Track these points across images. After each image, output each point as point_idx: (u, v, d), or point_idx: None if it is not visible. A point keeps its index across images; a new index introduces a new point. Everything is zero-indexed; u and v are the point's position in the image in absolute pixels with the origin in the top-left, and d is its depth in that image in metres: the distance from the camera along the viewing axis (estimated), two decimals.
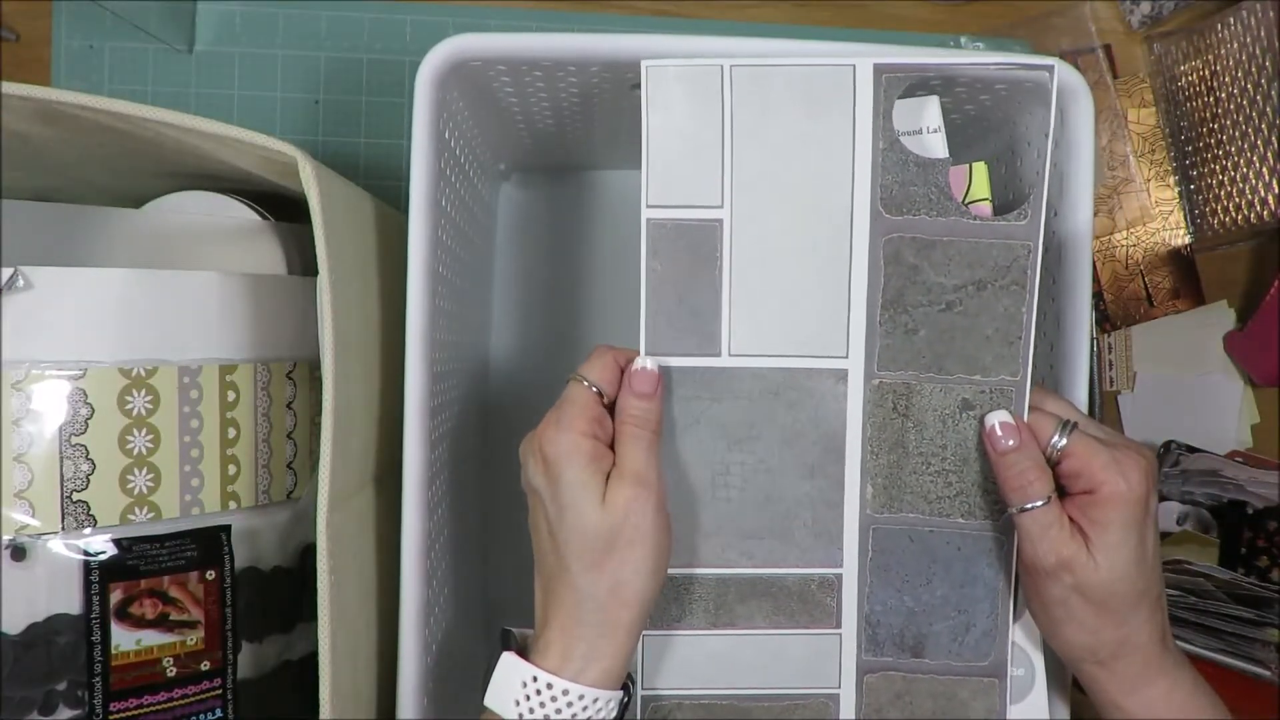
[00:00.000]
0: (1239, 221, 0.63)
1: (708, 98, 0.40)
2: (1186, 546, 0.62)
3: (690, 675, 0.44)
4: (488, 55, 0.42)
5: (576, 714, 0.37)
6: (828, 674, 0.44)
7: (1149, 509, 0.39)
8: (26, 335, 0.40)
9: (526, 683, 0.37)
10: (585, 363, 0.40)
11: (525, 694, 0.37)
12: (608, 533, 0.37)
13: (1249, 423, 0.68)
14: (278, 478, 0.47)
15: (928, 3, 0.66)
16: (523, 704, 0.37)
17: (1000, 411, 0.41)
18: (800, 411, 0.42)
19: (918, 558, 0.43)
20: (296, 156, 0.39)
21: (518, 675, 0.38)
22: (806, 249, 0.41)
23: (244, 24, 0.63)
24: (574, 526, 0.38)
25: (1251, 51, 0.61)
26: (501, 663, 0.38)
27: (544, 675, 0.37)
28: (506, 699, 0.38)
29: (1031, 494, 0.39)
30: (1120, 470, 0.38)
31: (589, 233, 0.63)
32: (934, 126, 0.41)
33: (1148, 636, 0.39)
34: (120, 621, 0.41)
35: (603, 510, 0.37)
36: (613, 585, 0.38)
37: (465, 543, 0.57)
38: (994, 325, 0.41)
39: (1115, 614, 0.39)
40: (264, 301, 0.45)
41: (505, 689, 0.38)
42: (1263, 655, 0.60)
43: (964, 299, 0.41)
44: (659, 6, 0.65)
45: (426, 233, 0.42)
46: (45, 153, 0.45)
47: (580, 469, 0.38)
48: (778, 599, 0.43)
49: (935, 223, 0.40)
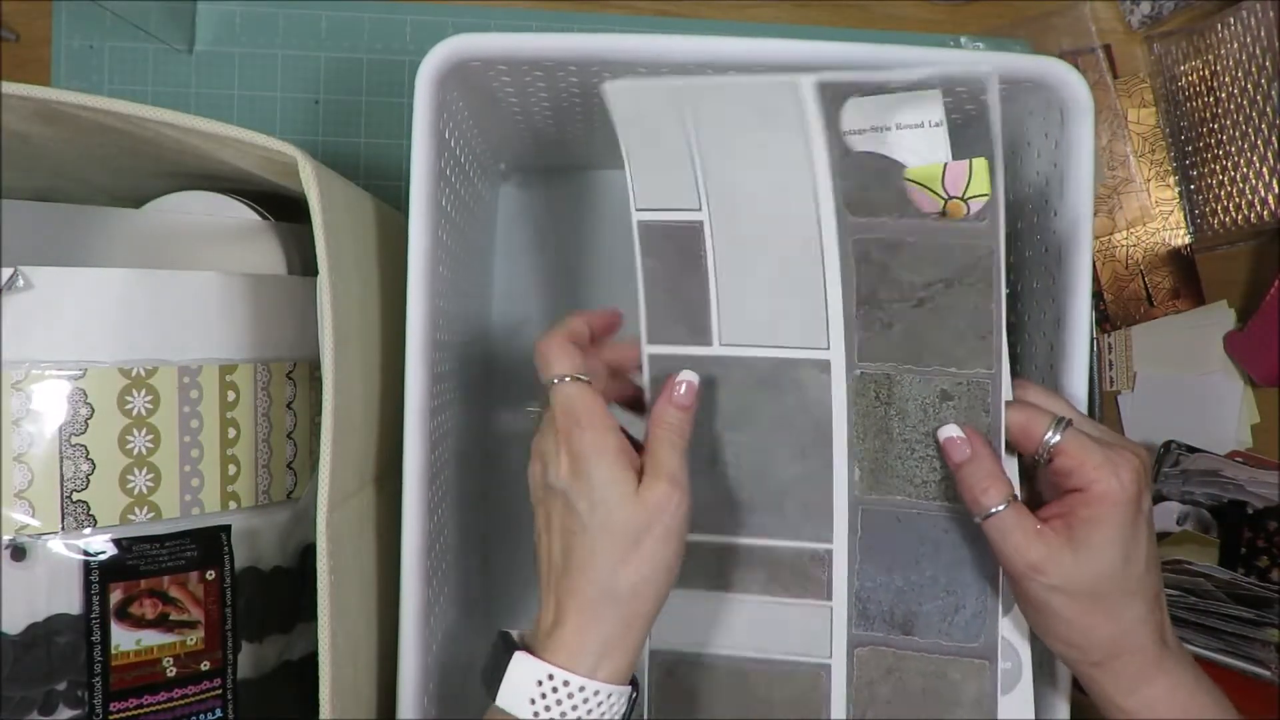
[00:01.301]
0: (1239, 221, 0.63)
1: (668, 114, 0.41)
2: (1186, 546, 0.62)
3: (691, 634, 0.45)
4: (488, 55, 0.42)
5: (592, 710, 0.37)
6: (820, 645, 0.45)
7: (1141, 508, 0.39)
8: (26, 335, 0.40)
9: (542, 681, 0.37)
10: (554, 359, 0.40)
11: (540, 692, 0.37)
12: (637, 529, 0.38)
13: (1249, 423, 0.68)
14: (278, 478, 0.47)
15: (928, 2, 0.66)
16: (538, 703, 0.37)
17: (949, 426, 0.41)
18: (788, 398, 0.44)
19: (906, 538, 0.44)
20: (296, 156, 0.39)
21: (532, 674, 0.37)
22: (782, 248, 0.43)
23: (244, 24, 0.63)
24: (604, 522, 0.38)
25: (1251, 51, 0.61)
26: (515, 662, 0.38)
27: (560, 673, 0.37)
28: (520, 699, 0.37)
29: (987, 502, 0.39)
30: (1112, 469, 0.38)
31: (589, 233, 0.63)
32: (936, 120, 0.41)
33: (1145, 636, 0.39)
34: (120, 621, 0.41)
35: (635, 505, 0.38)
36: (636, 581, 0.38)
37: (465, 543, 0.57)
38: (965, 321, 0.41)
39: (1105, 613, 0.39)
40: (264, 301, 0.45)
41: (519, 689, 0.37)
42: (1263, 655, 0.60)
43: (934, 295, 0.42)
44: (659, 6, 0.65)
45: (426, 232, 0.42)
46: (45, 153, 0.45)
47: (610, 465, 0.38)
48: (771, 569, 0.45)
49: (898, 224, 0.41)
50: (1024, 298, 0.49)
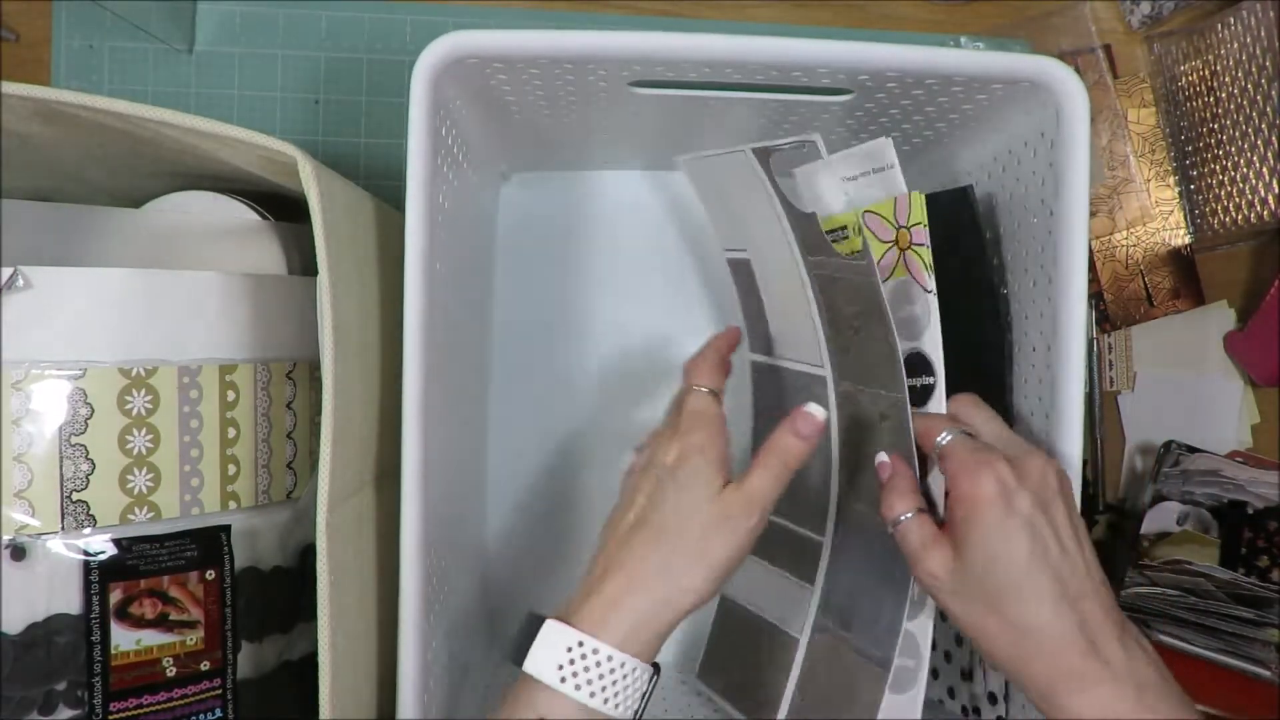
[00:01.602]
0: (1239, 221, 0.63)
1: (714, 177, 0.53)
2: (1186, 546, 0.62)
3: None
4: (484, 53, 0.42)
5: (617, 681, 0.38)
6: (797, 620, 0.51)
7: (1013, 508, 0.39)
8: (26, 335, 0.40)
9: (571, 648, 0.38)
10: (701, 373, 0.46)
11: (570, 658, 0.38)
12: (708, 528, 0.40)
13: (1249, 423, 0.68)
14: (277, 478, 0.47)
15: (928, 2, 0.66)
16: (565, 669, 0.38)
17: (881, 452, 0.45)
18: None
19: (865, 545, 0.48)
20: (296, 156, 0.39)
21: (563, 641, 0.38)
22: (790, 282, 0.50)
23: (244, 24, 0.63)
24: (683, 510, 0.41)
25: (1251, 51, 0.61)
26: (546, 629, 0.39)
27: (590, 640, 0.38)
28: (548, 665, 0.38)
29: (893, 514, 0.42)
30: (970, 472, 0.39)
31: (589, 233, 0.64)
32: (890, 163, 0.47)
33: (1059, 640, 0.38)
34: (120, 621, 0.41)
35: (715, 506, 0.41)
36: (689, 572, 0.40)
37: (465, 541, 0.57)
38: (880, 348, 0.45)
39: (1000, 618, 0.39)
40: (264, 301, 0.45)
41: (548, 655, 0.38)
42: (1263, 655, 0.60)
43: (862, 325, 0.47)
44: (659, 6, 0.65)
45: (424, 229, 0.42)
46: (45, 153, 0.45)
47: (708, 466, 0.42)
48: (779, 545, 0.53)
49: (828, 262, 0.47)
50: (1020, 298, 0.49)
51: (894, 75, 0.44)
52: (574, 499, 0.64)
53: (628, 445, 0.63)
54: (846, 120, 0.51)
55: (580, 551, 0.63)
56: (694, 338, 0.64)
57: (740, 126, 0.53)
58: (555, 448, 0.64)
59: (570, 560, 0.63)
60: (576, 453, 0.64)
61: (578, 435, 0.64)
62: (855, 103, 0.47)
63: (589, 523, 0.64)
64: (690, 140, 0.55)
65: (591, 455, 0.64)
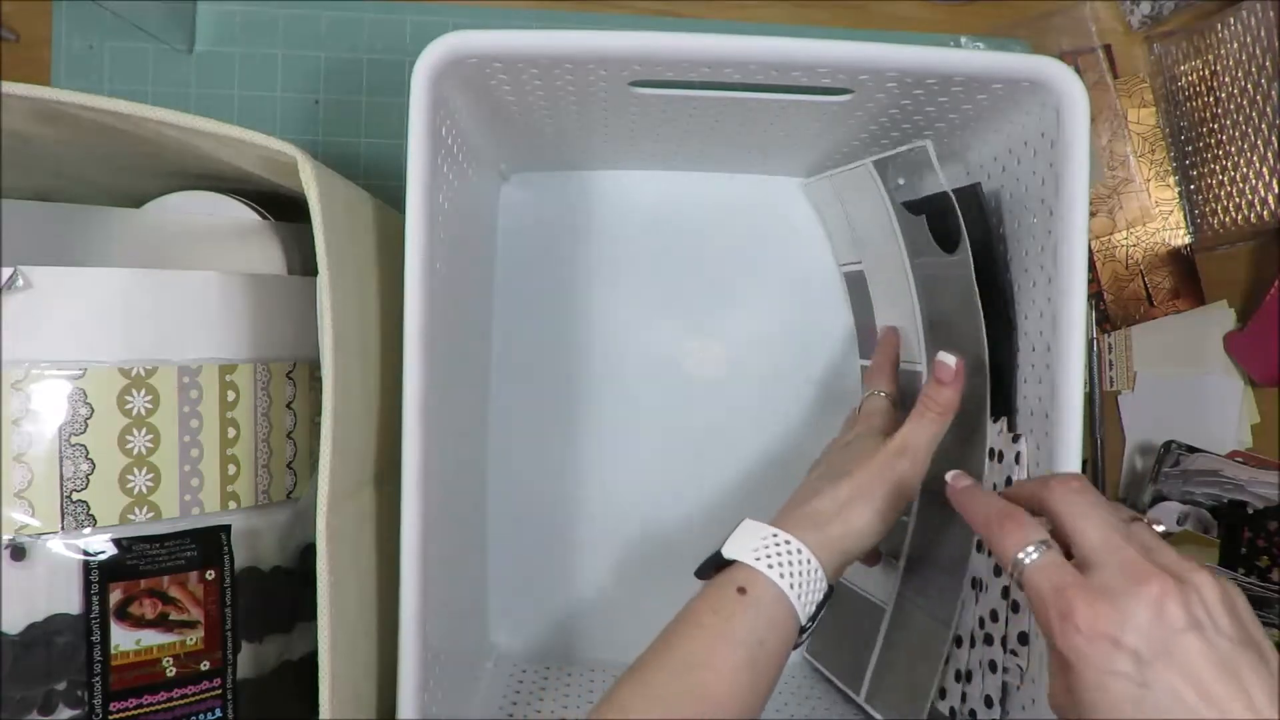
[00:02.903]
0: (1239, 221, 0.63)
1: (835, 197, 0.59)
2: (1186, 547, 0.62)
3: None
4: (483, 52, 0.42)
5: (805, 574, 0.42)
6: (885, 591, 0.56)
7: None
8: (26, 335, 0.40)
9: (767, 538, 0.43)
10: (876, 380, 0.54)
11: (765, 545, 0.43)
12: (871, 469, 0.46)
13: (1249, 423, 0.68)
14: (277, 478, 0.47)
15: (928, 2, 0.66)
16: (760, 551, 0.42)
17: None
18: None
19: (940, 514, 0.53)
20: (296, 156, 0.39)
21: (759, 532, 0.43)
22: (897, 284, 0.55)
23: (244, 24, 0.63)
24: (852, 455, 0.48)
25: (1251, 51, 0.61)
26: (743, 526, 0.44)
27: (783, 533, 0.43)
28: (745, 549, 0.43)
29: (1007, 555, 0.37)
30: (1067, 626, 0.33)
31: (589, 233, 0.64)
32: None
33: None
34: (120, 621, 0.41)
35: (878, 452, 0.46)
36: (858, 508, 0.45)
37: (465, 542, 0.57)
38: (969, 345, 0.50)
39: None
40: (264, 301, 0.45)
41: (745, 542, 0.43)
42: None
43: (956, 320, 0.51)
44: (659, 6, 0.65)
45: (424, 229, 0.42)
46: (45, 153, 0.45)
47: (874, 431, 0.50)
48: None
49: (930, 262, 0.51)
50: (1020, 298, 0.49)
51: (894, 75, 0.44)
52: (573, 496, 0.64)
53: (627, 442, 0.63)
54: (847, 120, 0.51)
55: (580, 550, 0.63)
56: (694, 337, 0.64)
57: (740, 127, 0.53)
58: (555, 445, 0.64)
59: (571, 559, 0.63)
60: (576, 450, 0.64)
61: (578, 434, 0.64)
62: (855, 102, 0.47)
63: (590, 521, 0.63)
64: (691, 140, 0.55)
65: (591, 453, 0.64)
